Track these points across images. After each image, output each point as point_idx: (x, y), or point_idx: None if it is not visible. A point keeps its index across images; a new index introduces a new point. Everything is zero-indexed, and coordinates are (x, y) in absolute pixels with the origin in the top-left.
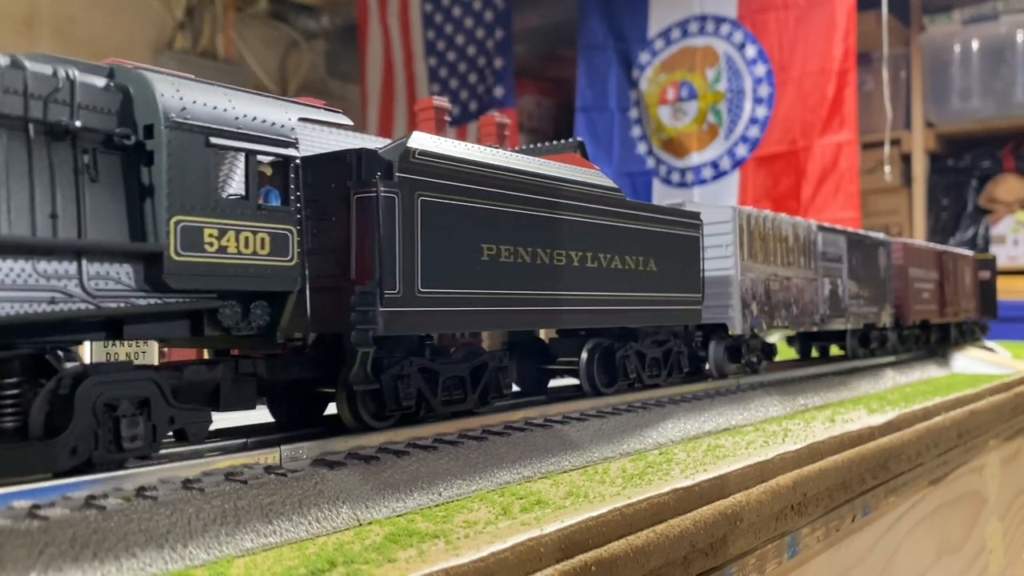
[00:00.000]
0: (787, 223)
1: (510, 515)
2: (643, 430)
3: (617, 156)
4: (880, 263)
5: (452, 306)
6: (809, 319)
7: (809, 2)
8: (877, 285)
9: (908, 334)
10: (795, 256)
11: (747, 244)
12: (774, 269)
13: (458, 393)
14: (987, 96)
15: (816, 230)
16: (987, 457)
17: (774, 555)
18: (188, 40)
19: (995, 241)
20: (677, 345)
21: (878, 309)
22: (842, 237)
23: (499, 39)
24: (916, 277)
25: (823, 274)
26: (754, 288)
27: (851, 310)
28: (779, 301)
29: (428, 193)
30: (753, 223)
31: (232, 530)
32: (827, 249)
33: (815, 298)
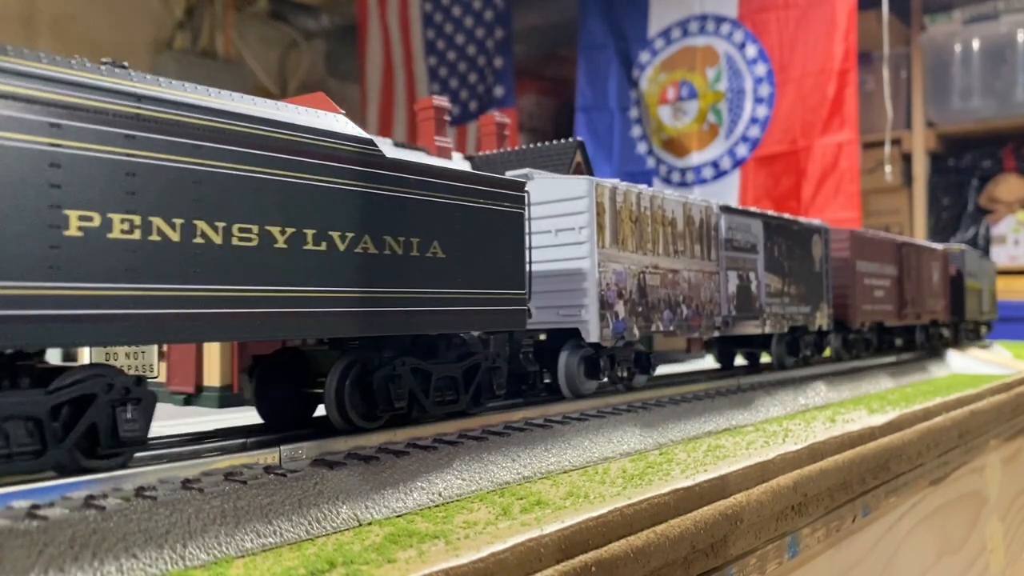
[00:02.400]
0: (674, 203)
1: (510, 515)
2: (643, 430)
3: (617, 156)
4: (815, 254)
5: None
6: (707, 322)
7: (810, 2)
8: (810, 281)
9: (855, 339)
10: (686, 244)
11: (611, 227)
12: (653, 260)
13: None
14: (988, 96)
15: (718, 212)
16: (988, 457)
17: (775, 555)
18: (188, 39)
19: (995, 241)
20: (490, 359)
21: (811, 309)
22: (757, 222)
23: (499, 39)
24: (866, 272)
25: (729, 266)
26: (621, 283)
27: (770, 310)
28: (659, 300)
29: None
30: (622, 201)
31: (231, 530)
32: (735, 236)
33: (716, 296)
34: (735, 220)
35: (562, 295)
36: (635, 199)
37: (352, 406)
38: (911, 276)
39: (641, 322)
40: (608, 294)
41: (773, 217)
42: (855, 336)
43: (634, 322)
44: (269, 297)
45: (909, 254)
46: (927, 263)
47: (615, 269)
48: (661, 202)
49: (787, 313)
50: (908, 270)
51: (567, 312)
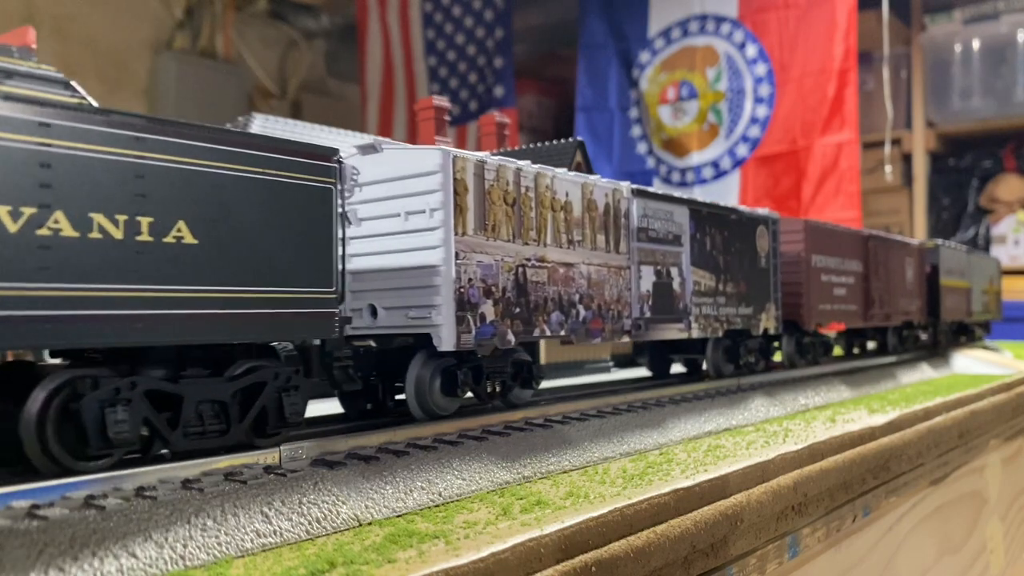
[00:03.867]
0: (569, 183)
1: (510, 515)
2: (643, 430)
3: (617, 156)
4: (760, 248)
5: None
6: (612, 325)
7: (810, 2)
8: (754, 278)
9: (811, 342)
10: (586, 233)
11: (476, 210)
12: (538, 251)
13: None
14: (988, 96)
15: (629, 196)
16: (988, 457)
17: (775, 555)
18: (187, 39)
19: (996, 241)
20: (279, 378)
21: (754, 310)
22: (681, 209)
23: (499, 39)
24: (825, 268)
25: (643, 260)
26: (490, 279)
27: (700, 312)
28: (546, 299)
29: None
30: (492, 179)
31: (231, 530)
32: (652, 225)
33: (624, 295)
34: (652, 206)
35: (411, 293)
36: (512, 177)
37: (59, 442)
38: (879, 273)
39: (519, 326)
40: (470, 292)
41: (704, 205)
42: (811, 339)
43: (509, 326)
44: None
45: (877, 249)
46: (899, 259)
47: (481, 261)
48: (551, 182)
49: (722, 315)
50: (876, 266)
51: (417, 314)
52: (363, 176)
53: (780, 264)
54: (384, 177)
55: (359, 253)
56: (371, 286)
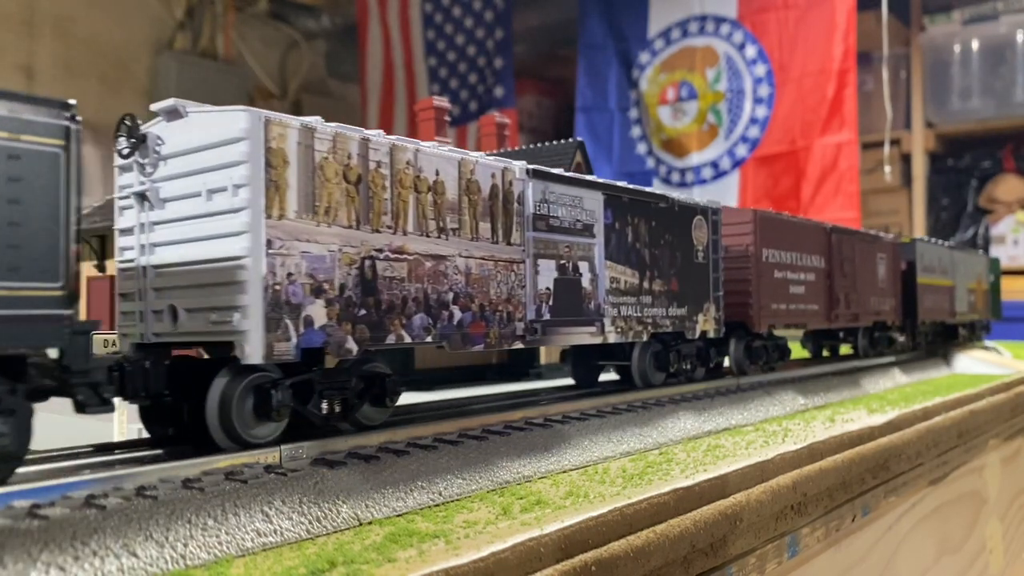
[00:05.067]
0: (441, 160)
1: (510, 515)
2: (643, 430)
3: (617, 156)
4: (697, 241)
5: None
6: (501, 329)
7: (809, 2)
8: (689, 274)
9: (762, 346)
10: (464, 219)
11: (300, 188)
12: (392, 240)
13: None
14: (987, 96)
15: (523, 177)
16: (987, 457)
17: (774, 555)
18: (188, 40)
19: (995, 241)
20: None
21: (688, 311)
22: (594, 195)
23: (499, 39)
24: (779, 264)
25: (542, 253)
26: (321, 274)
27: (618, 313)
28: (406, 298)
29: None
30: (325, 150)
31: (232, 530)
32: (554, 211)
33: (516, 293)
34: (554, 190)
35: (213, 292)
36: (355, 149)
37: None
38: (845, 270)
39: (365, 331)
40: (289, 290)
41: (624, 190)
42: (762, 343)
43: (349, 331)
44: None
45: (842, 243)
46: (868, 255)
47: (308, 252)
48: (413, 156)
49: (648, 316)
50: (841, 262)
51: (219, 318)
52: (168, 147)
53: (724, 259)
54: (188, 147)
55: (162, 242)
56: (172, 283)
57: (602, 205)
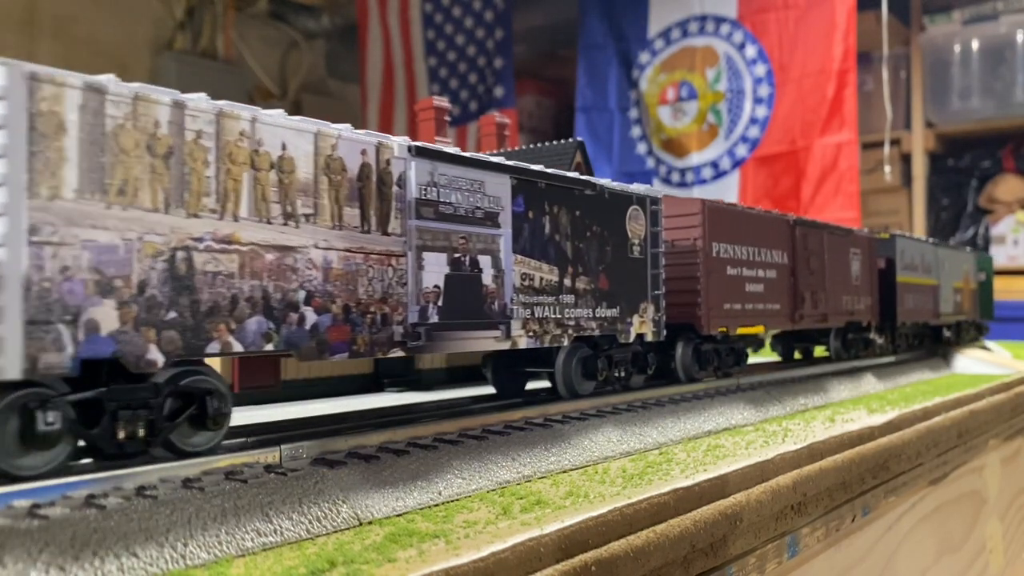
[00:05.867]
0: (287, 131)
1: (510, 515)
2: (643, 430)
3: (617, 156)
4: (632, 233)
5: None
6: (371, 333)
7: (809, 2)
8: (620, 271)
9: (712, 350)
10: (322, 204)
11: (84, 163)
12: (216, 226)
13: None
14: (987, 96)
15: (403, 155)
16: (987, 457)
17: (774, 555)
18: (188, 40)
19: (995, 241)
20: None
21: (621, 312)
22: (499, 179)
23: (499, 39)
24: (732, 259)
25: (428, 245)
26: (110, 268)
27: (531, 315)
28: (234, 298)
29: None
30: (122, 115)
31: (232, 529)
32: (446, 196)
33: (395, 292)
34: (445, 172)
35: None
36: (165, 116)
37: None
38: (812, 266)
39: (176, 339)
40: (65, 288)
41: (539, 174)
42: (713, 347)
43: (152, 338)
44: None
45: (808, 237)
46: (840, 251)
47: (93, 241)
48: (250, 127)
49: (569, 318)
50: (807, 258)
51: None
52: None
53: (668, 254)
54: None
55: None
56: None
57: (510, 191)
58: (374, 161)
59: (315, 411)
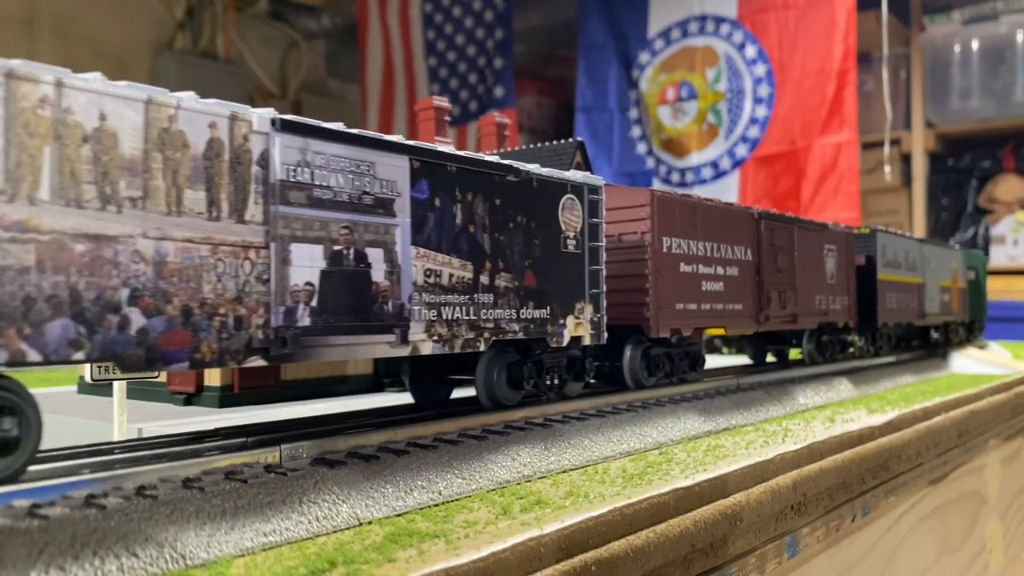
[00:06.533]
0: (109, 98)
1: (510, 515)
2: (643, 430)
3: (617, 156)
4: (567, 225)
5: None
6: (219, 340)
7: (809, 2)
8: (551, 267)
9: (664, 354)
10: (154, 185)
11: None
12: (3, 211)
13: None
14: (987, 96)
15: (268, 129)
16: (987, 457)
17: (774, 555)
18: (188, 40)
19: (995, 241)
20: None
21: (552, 313)
22: (395, 159)
23: (499, 39)
24: (686, 256)
25: (299, 235)
26: None
27: (437, 316)
28: (30, 298)
29: None
30: None
31: (232, 529)
32: (321, 179)
33: (253, 290)
34: (323, 151)
35: None
36: None
37: None
38: (779, 263)
39: None
40: None
41: (449, 156)
42: (664, 351)
43: None
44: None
45: (775, 232)
46: (812, 246)
47: None
48: (54, 93)
49: (487, 320)
50: (774, 255)
51: None
52: None
53: (612, 249)
54: None
55: None
56: None
57: (409, 174)
58: (227, 136)
59: (315, 411)
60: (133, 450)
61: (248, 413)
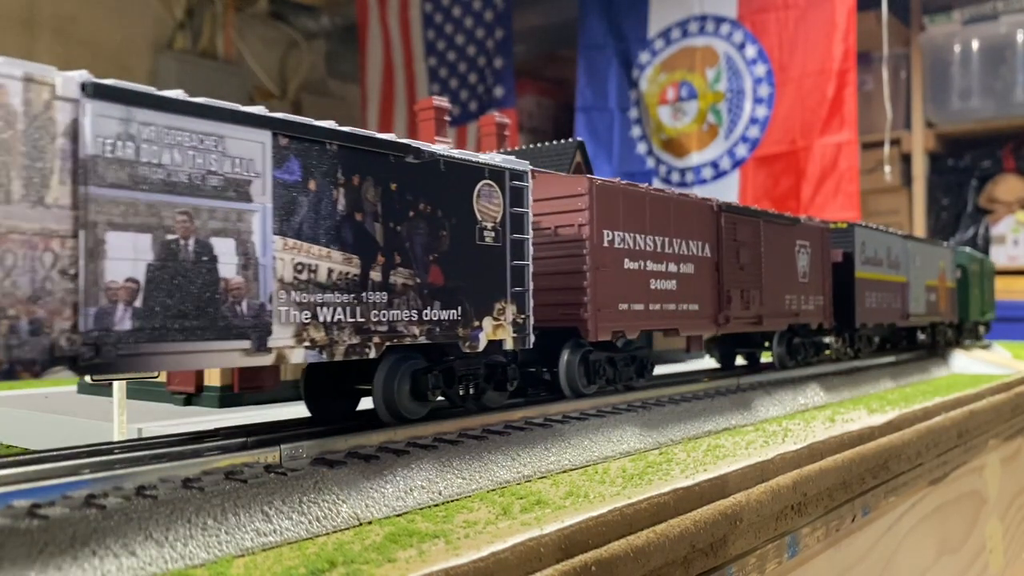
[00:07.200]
0: None
1: (510, 515)
2: (643, 429)
3: (617, 156)
4: (485, 215)
5: None
6: (5, 347)
7: (809, 2)
8: (463, 262)
9: (606, 359)
10: None
11: None
12: None
13: None
14: (987, 96)
15: (77, 93)
16: (987, 457)
17: (774, 555)
18: (188, 40)
19: (995, 241)
20: None
21: (464, 314)
22: (254, 133)
23: (499, 39)
24: (631, 251)
25: (119, 222)
26: None
27: (312, 318)
28: None
29: None
30: None
31: (232, 529)
32: (149, 156)
33: (52, 289)
34: (153, 121)
35: None
36: None
37: None
38: (742, 260)
39: None
40: None
41: (324, 132)
42: (606, 355)
43: None
44: None
45: (737, 227)
46: (783, 243)
47: None
48: None
49: (379, 322)
50: (736, 251)
51: None
52: None
53: (543, 244)
54: None
55: None
56: None
57: (271, 152)
58: (19, 102)
59: None
60: (133, 450)
61: (248, 413)
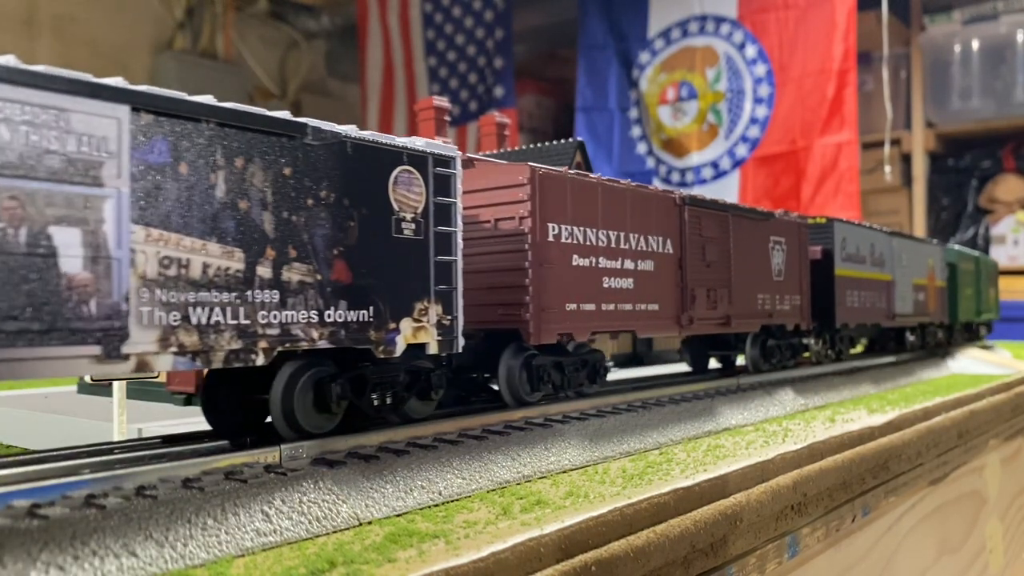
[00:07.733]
0: None
1: (510, 515)
2: (643, 430)
3: (617, 156)
4: (400, 205)
5: None
6: None
7: (809, 2)
8: (376, 257)
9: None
10: None
11: None
12: None
13: None
14: (987, 96)
15: None
16: (987, 457)
17: (774, 555)
18: (188, 40)
19: (995, 241)
20: None
21: (378, 315)
22: (106, 107)
23: (499, 39)
24: (580, 247)
25: None
26: None
27: (183, 320)
28: None
29: None
30: None
31: (232, 529)
32: None
33: None
34: None
35: None
36: None
37: None
38: (707, 257)
39: None
40: None
41: (199, 107)
42: (552, 360)
43: None
44: None
45: (702, 222)
46: (755, 239)
47: None
48: None
49: (267, 324)
50: (701, 247)
51: None
52: None
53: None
54: None
55: None
56: None
57: (130, 129)
58: None
59: None
60: (133, 450)
61: None
